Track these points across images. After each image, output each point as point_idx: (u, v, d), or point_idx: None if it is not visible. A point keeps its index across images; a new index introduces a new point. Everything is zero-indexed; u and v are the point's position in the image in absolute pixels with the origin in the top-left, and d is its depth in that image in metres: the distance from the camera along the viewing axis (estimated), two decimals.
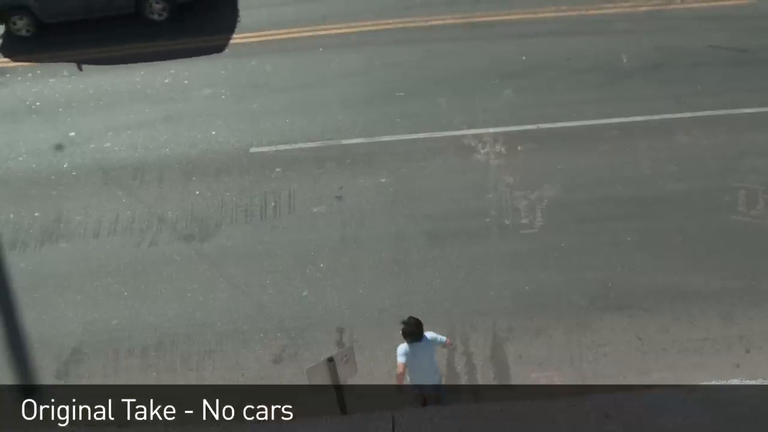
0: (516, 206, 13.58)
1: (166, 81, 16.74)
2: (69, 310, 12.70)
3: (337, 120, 15.44)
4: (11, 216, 14.27)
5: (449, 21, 17.52)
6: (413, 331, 10.02)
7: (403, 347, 10.14)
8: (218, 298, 12.65)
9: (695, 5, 17.62)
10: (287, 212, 13.89)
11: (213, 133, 15.44)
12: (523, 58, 16.48)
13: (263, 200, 14.10)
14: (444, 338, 10.44)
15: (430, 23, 17.46)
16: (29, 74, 17.31)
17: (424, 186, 14.07)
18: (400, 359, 10.10)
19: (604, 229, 13.13)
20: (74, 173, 14.94)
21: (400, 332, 10.08)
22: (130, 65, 17.17)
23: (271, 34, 17.75)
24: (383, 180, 14.22)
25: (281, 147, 15.01)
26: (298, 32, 17.69)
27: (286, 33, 17.68)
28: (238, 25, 17.99)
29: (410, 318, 10.11)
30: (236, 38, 17.66)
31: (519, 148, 14.59)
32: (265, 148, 15.02)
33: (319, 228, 13.56)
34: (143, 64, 17.16)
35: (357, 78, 16.36)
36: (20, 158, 15.37)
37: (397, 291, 12.50)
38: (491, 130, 14.78)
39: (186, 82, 16.63)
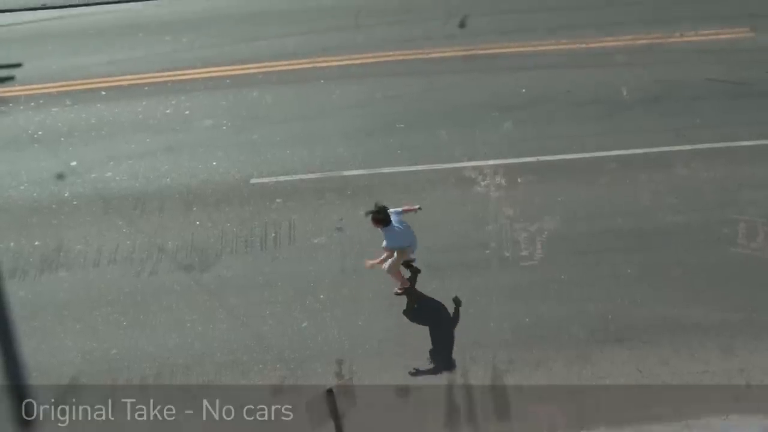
0: (516, 238, 13.60)
1: (168, 111, 16.81)
2: (68, 339, 12.67)
3: (337, 151, 15.49)
4: (11, 244, 14.27)
5: (449, 53, 17.64)
6: (383, 218, 11.74)
7: (385, 243, 11.87)
8: (218, 328, 12.62)
9: (694, 38, 17.76)
10: (287, 243, 13.90)
11: (214, 163, 15.49)
12: (523, 90, 16.57)
13: (263, 231, 14.12)
14: (399, 209, 12.19)
15: (430, 56, 17.58)
16: (32, 103, 17.38)
17: (423, 217, 14.05)
18: (386, 245, 11.93)
19: (604, 261, 13.15)
20: (75, 202, 14.97)
21: (371, 222, 11.82)
22: (132, 95, 17.26)
23: (272, 66, 17.85)
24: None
25: (281, 178, 15.05)
26: (299, 64, 17.79)
27: (287, 64, 17.79)
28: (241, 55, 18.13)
29: (376, 206, 11.76)
30: (228, 70, 17.76)
31: (519, 180, 14.64)
32: (266, 179, 15.06)
33: (319, 259, 13.56)
34: (145, 94, 17.25)
35: (357, 110, 16.44)
36: (21, 187, 15.40)
37: (396, 322, 12.49)
38: (491, 162, 14.83)
39: (187, 112, 16.70)
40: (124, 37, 19.12)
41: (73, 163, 15.76)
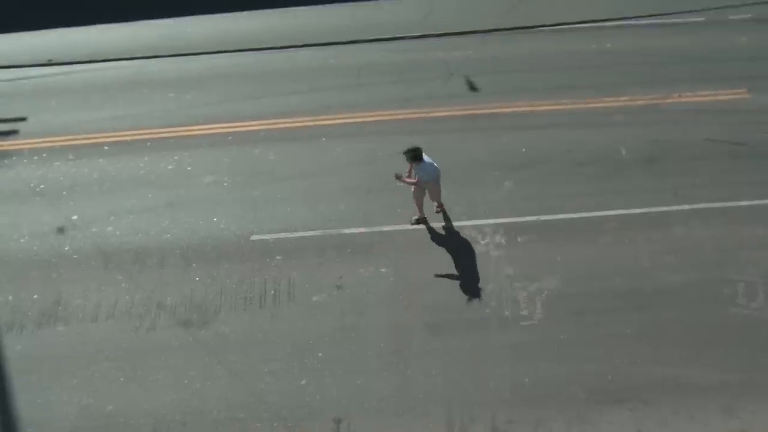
0: (515, 297, 13.59)
1: (170, 167, 16.92)
2: (64, 394, 12.58)
3: (338, 209, 15.56)
4: (10, 298, 14.26)
5: (450, 113, 17.80)
6: (416, 154, 14.01)
7: (419, 177, 14.23)
8: (215, 385, 12.54)
9: (692, 99, 17.93)
10: (287, 300, 13.88)
11: (214, 219, 15.55)
12: (523, 150, 16.69)
13: (263, 288, 14.11)
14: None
15: (431, 115, 17.73)
16: (35, 157, 17.51)
17: (424, 276, 14.10)
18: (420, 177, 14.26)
19: (603, 321, 13.11)
20: (75, 256, 15.00)
21: (408, 160, 14.12)
22: (135, 150, 17.38)
23: (275, 123, 18.01)
24: (383, 270, 14.26)
25: (282, 235, 15.09)
26: (301, 121, 17.95)
27: (289, 122, 17.95)
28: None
29: (408, 150, 14.02)
30: (231, 127, 17.89)
31: (519, 239, 14.68)
32: (266, 236, 15.10)
33: (319, 317, 13.53)
34: (148, 149, 17.38)
35: (359, 167, 16.54)
36: (22, 240, 15.44)
37: (396, 381, 12.41)
38: (491, 221, 14.85)
39: (189, 168, 16.80)
40: (128, 92, 19.33)
41: (74, 217, 15.83)
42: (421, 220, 15.00)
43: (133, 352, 13.17)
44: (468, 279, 14.01)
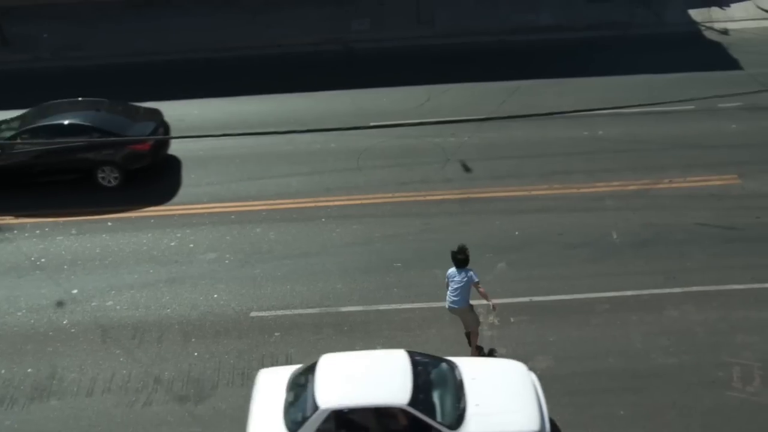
0: None
1: (172, 244, 17.15)
2: None
3: (336, 288, 15.75)
4: (2, 371, 14.30)
5: (446, 196, 18.11)
6: (456, 259, 13.72)
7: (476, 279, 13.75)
8: None
9: (683, 184, 18.23)
10: None
11: (215, 296, 15.72)
12: (516, 233, 16.94)
13: (260, 364, 14.19)
14: (476, 278, 13.69)
15: (427, 198, 18.04)
16: (37, 231, 17.72)
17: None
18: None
19: (596, 402, 13.16)
20: (73, 330, 15.10)
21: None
22: (138, 227, 17.62)
23: (276, 203, 18.30)
24: (379, 347, 14.34)
25: (280, 312, 15.26)
26: (302, 203, 18.25)
27: (290, 203, 18.25)
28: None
29: (459, 247, 13.79)
30: (233, 206, 18.25)
31: (512, 320, 14.84)
32: (265, 313, 15.26)
33: None
34: (151, 226, 17.63)
35: (357, 248, 16.78)
36: (19, 313, 15.56)
37: None
38: (485, 301, 14.99)
39: (191, 245, 17.03)
40: None
41: (74, 291, 15.98)
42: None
43: (127, 427, 13.18)
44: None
